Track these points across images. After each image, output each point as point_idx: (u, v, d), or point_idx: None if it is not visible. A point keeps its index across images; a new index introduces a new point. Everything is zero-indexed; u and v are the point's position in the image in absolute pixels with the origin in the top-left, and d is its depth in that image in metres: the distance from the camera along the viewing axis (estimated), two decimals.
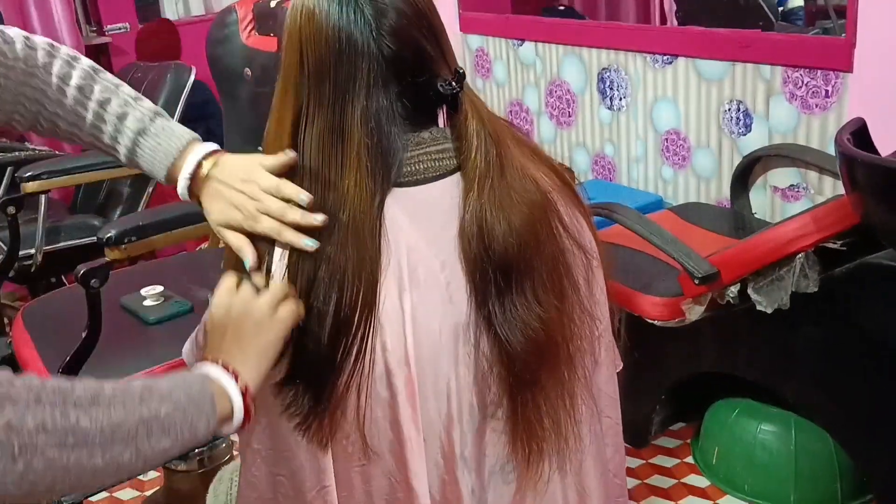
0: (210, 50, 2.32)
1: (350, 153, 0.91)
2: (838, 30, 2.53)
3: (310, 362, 0.92)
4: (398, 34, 0.91)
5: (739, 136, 2.42)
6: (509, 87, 3.21)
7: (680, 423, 2.38)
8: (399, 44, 0.91)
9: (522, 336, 0.93)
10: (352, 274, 0.90)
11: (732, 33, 2.38)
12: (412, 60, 0.92)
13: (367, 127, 0.91)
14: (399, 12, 0.91)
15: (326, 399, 0.92)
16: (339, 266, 0.90)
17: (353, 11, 0.90)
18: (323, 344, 0.91)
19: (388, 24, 0.90)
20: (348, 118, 0.91)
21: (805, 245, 1.73)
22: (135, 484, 2.32)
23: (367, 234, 0.91)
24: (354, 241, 0.90)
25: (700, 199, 2.60)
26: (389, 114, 0.92)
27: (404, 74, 0.92)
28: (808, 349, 1.88)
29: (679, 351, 2.14)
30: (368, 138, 0.91)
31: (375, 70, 0.91)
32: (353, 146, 0.91)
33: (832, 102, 2.16)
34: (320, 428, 0.93)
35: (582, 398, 1.02)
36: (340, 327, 0.90)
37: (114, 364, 1.57)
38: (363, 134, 0.91)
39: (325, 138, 0.92)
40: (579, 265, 1.00)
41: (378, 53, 0.90)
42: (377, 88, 0.91)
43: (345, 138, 0.91)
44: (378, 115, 0.91)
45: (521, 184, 0.95)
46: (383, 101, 0.92)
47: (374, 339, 0.91)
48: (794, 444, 1.99)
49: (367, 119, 0.91)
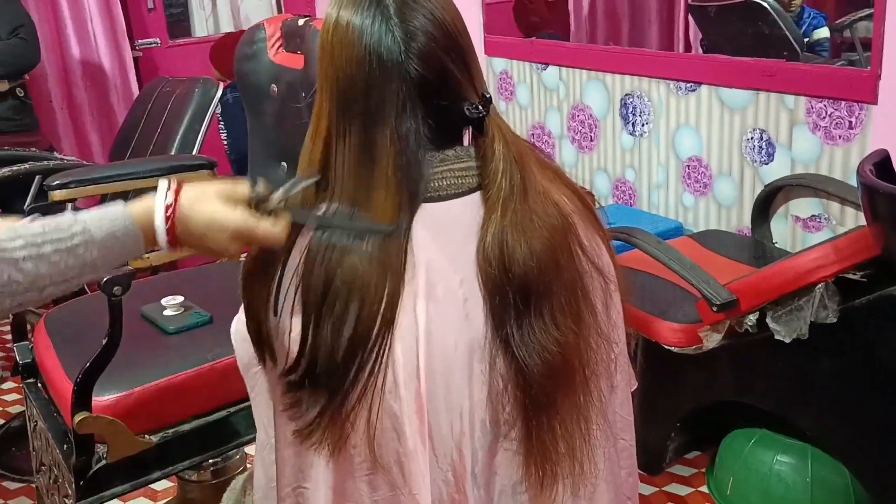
0: (238, 66, 2.35)
1: (380, 173, 0.92)
2: (864, 62, 2.52)
3: (322, 372, 0.93)
4: (426, 58, 0.92)
5: (761, 164, 2.42)
6: (532, 110, 3.23)
7: (695, 451, 2.36)
8: (426, 67, 0.92)
9: (539, 359, 0.93)
10: (375, 288, 0.91)
11: (757, 62, 2.39)
12: (439, 84, 0.93)
13: (397, 147, 0.92)
14: (429, 36, 0.92)
15: (334, 410, 0.93)
16: (362, 279, 0.91)
17: (384, 32, 0.92)
18: (338, 356, 0.92)
19: (417, 46, 0.92)
20: (378, 138, 0.92)
21: (825, 275, 1.72)
22: (147, 493, 2.33)
23: (394, 251, 0.92)
24: (380, 257, 0.91)
25: (720, 226, 2.59)
26: (417, 134, 0.93)
27: (430, 97, 0.93)
28: (826, 380, 1.86)
29: (695, 378, 2.13)
30: (397, 159, 0.92)
31: (404, 92, 0.92)
32: (382, 166, 0.92)
33: (856, 134, 2.15)
34: (322, 437, 0.94)
35: (597, 422, 1.02)
36: (357, 341, 0.91)
37: (132, 372, 1.58)
38: (392, 155, 0.92)
39: (355, 156, 0.93)
40: (597, 289, 1.00)
41: (406, 75, 0.92)
42: (405, 110, 0.92)
43: (375, 158, 0.93)
44: (407, 135, 0.93)
45: (543, 208, 0.95)
46: (411, 122, 0.93)
47: (389, 354, 0.92)
48: (811, 475, 1.97)
49: (396, 140, 0.92)
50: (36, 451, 1.80)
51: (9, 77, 3.11)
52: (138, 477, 1.59)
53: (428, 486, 0.95)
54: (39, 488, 1.84)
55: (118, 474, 1.56)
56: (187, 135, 2.98)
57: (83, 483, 1.52)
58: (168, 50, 4.05)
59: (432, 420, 0.94)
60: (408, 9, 0.93)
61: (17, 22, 3.06)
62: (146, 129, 3.13)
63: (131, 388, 1.55)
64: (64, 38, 3.66)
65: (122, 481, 1.57)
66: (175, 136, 2.99)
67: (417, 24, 0.92)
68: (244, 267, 1.01)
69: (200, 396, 1.62)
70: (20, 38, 3.07)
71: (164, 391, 1.58)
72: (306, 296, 0.93)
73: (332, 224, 0.93)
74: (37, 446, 1.79)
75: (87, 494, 1.53)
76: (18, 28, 3.06)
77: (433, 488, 0.95)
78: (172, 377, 1.59)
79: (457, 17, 0.97)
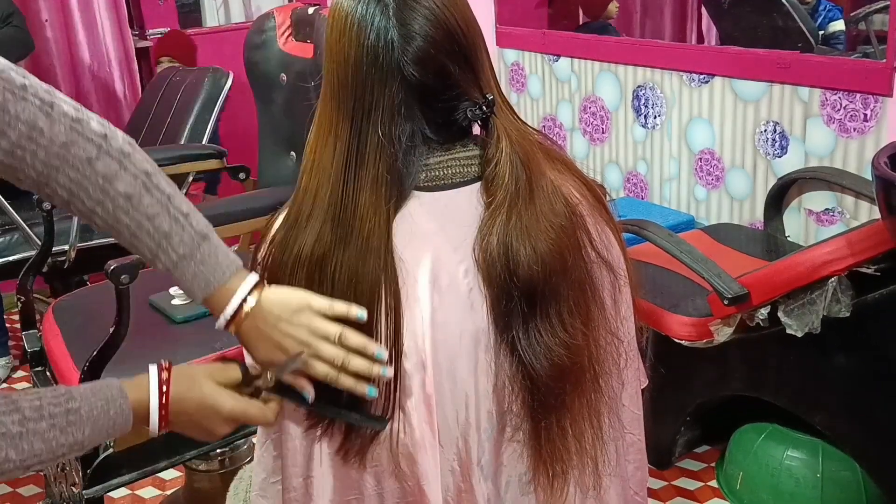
0: (247, 54, 2.35)
1: (366, 177, 0.91)
2: (879, 55, 2.50)
3: None
4: (423, 62, 0.90)
5: (775, 157, 2.40)
6: (543, 101, 3.21)
7: (705, 445, 2.35)
8: (424, 71, 0.91)
9: (547, 361, 0.92)
10: (370, 287, 0.91)
11: (771, 54, 2.37)
12: (437, 86, 0.92)
13: (387, 150, 0.91)
14: (426, 38, 0.90)
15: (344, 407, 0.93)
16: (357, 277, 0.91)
17: (382, 32, 0.90)
18: None
19: (413, 50, 0.90)
20: (368, 142, 0.91)
21: (838, 269, 1.71)
22: (156, 483, 2.33)
23: (384, 249, 0.91)
24: (369, 257, 0.91)
25: (733, 219, 2.57)
26: (413, 136, 0.93)
27: (429, 99, 0.92)
28: (837, 375, 1.85)
29: (706, 372, 2.12)
30: (384, 166, 0.91)
31: (399, 96, 0.91)
32: (369, 171, 0.91)
33: (870, 126, 2.13)
34: (334, 434, 0.95)
35: (608, 418, 1.01)
36: None
37: (139, 361, 1.57)
38: (380, 161, 0.91)
39: (344, 154, 0.92)
40: (606, 283, 0.99)
41: (402, 78, 0.90)
42: (399, 114, 0.91)
43: (363, 162, 0.92)
44: (399, 141, 0.92)
45: (550, 208, 0.94)
46: (406, 125, 0.92)
47: (398, 345, 0.92)
48: (822, 471, 1.96)
49: (386, 143, 0.91)
50: None
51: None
52: (145, 466, 1.60)
53: (438, 476, 0.94)
54: (47, 476, 1.84)
55: (125, 463, 1.56)
56: (197, 124, 2.98)
57: (90, 471, 1.52)
58: None
59: (438, 410, 0.93)
60: (408, 9, 0.91)
61: (6, 10, 3.07)
62: (156, 118, 3.13)
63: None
64: (71, 28, 3.67)
65: (129, 470, 1.57)
66: (185, 125, 2.99)
67: (416, 26, 0.90)
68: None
69: None
70: (12, 27, 3.08)
71: None
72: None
73: (326, 414, 0.94)
74: None
75: (95, 482, 1.53)
76: (9, 17, 3.07)
77: (441, 478, 0.95)
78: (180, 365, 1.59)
79: (462, 14, 0.94)
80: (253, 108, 2.41)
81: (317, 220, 0.93)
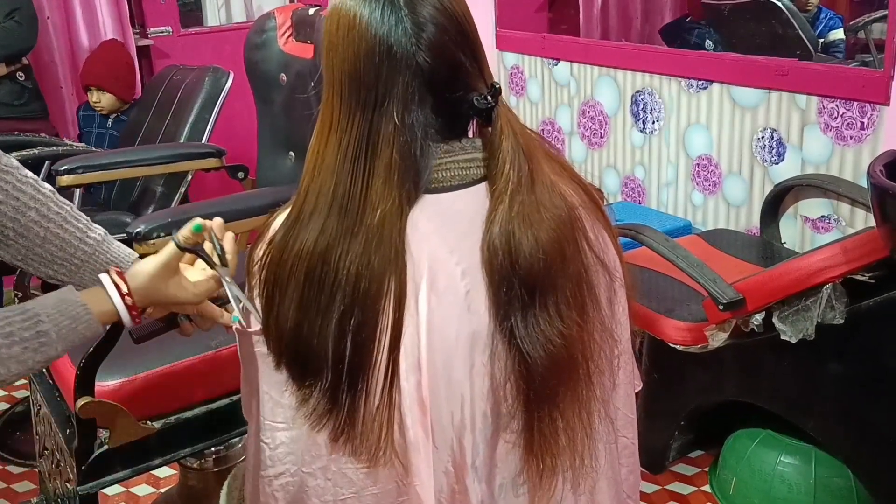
0: (247, 54, 2.35)
1: (379, 165, 0.91)
2: (878, 64, 2.51)
3: (332, 368, 0.93)
4: (436, 49, 0.91)
5: (772, 164, 2.40)
6: (542, 105, 3.22)
7: (698, 450, 2.36)
8: (437, 58, 0.91)
9: (543, 351, 0.93)
10: (378, 277, 0.91)
11: (769, 61, 2.38)
12: (449, 75, 0.93)
13: (401, 138, 0.91)
14: (438, 26, 0.91)
15: (344, 403, 0.93)
16: (365, 268, 0.91)
17: (394, 23, 0.90)
18: (347, 349, 0.91)
19: (427, 37, 0.91)
20: (382, 128, 0.91)
21: (833, 276, 1.71)
22: (150, 480, 2.34)
23: (393, 245, 0.91)
24: (381, 253, 0.91)
25: (729, 225, 2.58)
26: (423, 127, 0.93)
27: (440, 88, 0.93)
28: (831, 382, 1.85)
29: (700, 377, 2.12)
30: (398, 153, 0.91)
31: (413, 84, 0.91)
32: (382, 159, 0.91)
33: (867, 135, 2.14)
34: (334, 427, 0.94)
35: (599, 417, 1.01)
36: (365, 340, 0.91)
37: (136, 358, 1.58)
38: (395, 148, 0.91)
39: (354, 147, 0.92)
40: (602, 283, 1.00)
41: (416, 67, 0.91)
42: (413, 102, 0.92)
43: (376, 151, 0.91)
44: (413, 128, 0.92)
45: (550, 199, 0.95)
46: (418, 114, 0.92)
47: (396, 350, 0.92)
48: (814, 477, 1.96)
49: (401, 130, 0.91)
50: (39, 435, 1.81)
51: (5, 61, 3.12)
52: (140, 463, 1.59)
53: (431, 477, 0.95)
54: (42, 472, 1.84)
55: (120, 459, 1.56)
56: (197, 123, 2.98)
57: (85, 467, 1.52)
58: (180, 39, 4.05)
59: (433, 411, 0.94)
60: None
61: (13, 5, 3.08)
62: (156, 116, 3.13)
63: (134, 374, 1.55)
64: (73, 25, 3.67)
65: (123, 466, 1.57)
66: (185, 124, 2.99)
67: (427, 14, 0.91)
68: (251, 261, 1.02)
69: (203, 384, 1.62)
70: (14, 22, 3.08)
71: (167, 377, 1.58)
72: (306, 293, 0.93)
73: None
74: (40, 431, 1.80)
75: (89, 479, 1.53)
76: (14, 11, 3.08)
77: (435, 479, 0.95)
78: (176, 364, 1.59)
79: (464, 6, 0.96)
80: (252, 107, 2.42)
81: (320, 215, 0.93)
